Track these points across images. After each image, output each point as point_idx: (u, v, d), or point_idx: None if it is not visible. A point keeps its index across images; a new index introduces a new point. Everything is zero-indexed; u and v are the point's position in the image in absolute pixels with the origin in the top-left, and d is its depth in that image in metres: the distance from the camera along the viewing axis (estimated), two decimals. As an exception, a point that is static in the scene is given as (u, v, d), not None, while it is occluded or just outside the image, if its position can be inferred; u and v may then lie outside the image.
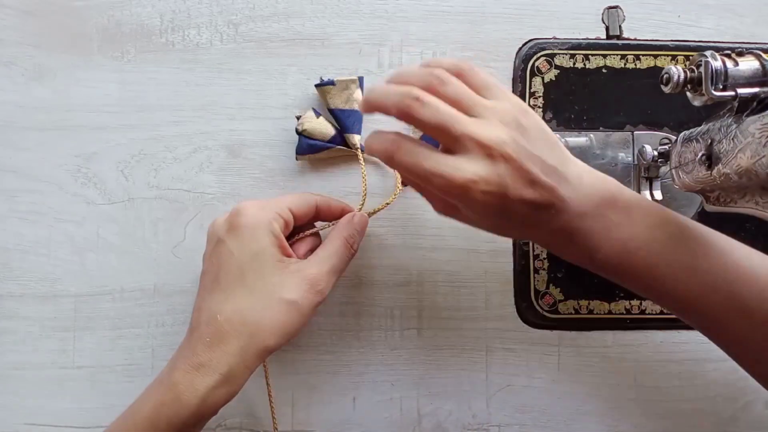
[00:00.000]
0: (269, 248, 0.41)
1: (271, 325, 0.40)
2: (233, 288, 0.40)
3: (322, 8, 0.50)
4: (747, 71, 0.36)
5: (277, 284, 0.40)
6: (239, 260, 0.40)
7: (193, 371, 0.39)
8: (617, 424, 0.49)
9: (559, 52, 0.49)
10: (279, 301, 0.40)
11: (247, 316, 0.40)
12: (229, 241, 0.41)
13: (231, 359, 0.39)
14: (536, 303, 0.49)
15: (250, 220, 0.41)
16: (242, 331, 0.39)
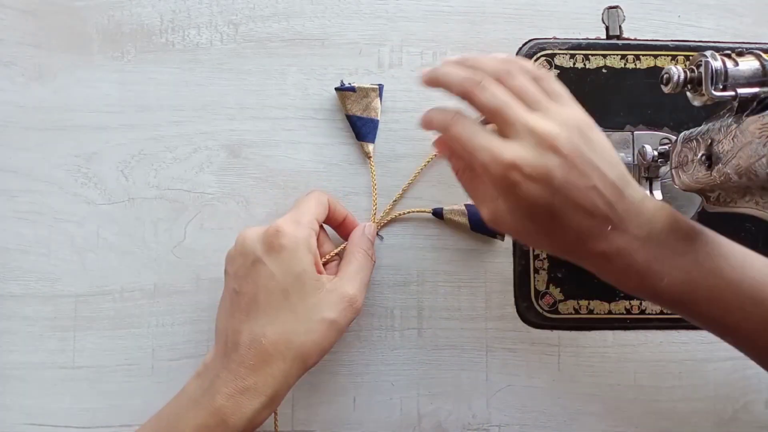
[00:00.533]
0: (309, 269, 0.41)
1: (314, 346, 0.40)
2: (276, 311, 0.40)
3: (322, 8, 0.50)
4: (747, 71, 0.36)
5: (318, 304, 0.41)
6: (282, 283, 0.40)
7: (239, 395, 0.39)
8: (617, 424, 0.49)
9: (559, 52, 0.49)
10: (321, 321, 0.40)
11: (292, 339, 0.40)
12: (270, 262, 0.40)
13: (276, 382, 0.39)
14: (536, 303, 0.49)
15: (290, 241, 0.41)
16: (287, 355, 0.40)
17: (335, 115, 0.49)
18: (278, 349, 0.39)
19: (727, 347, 0.39)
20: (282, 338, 0.40)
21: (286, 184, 0.49)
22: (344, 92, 0.48)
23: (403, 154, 0.49)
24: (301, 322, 0.40)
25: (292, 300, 0.40)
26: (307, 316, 0.40)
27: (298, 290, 0.40)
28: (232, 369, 0.39)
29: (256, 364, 0.39)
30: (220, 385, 0.39)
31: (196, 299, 0.48)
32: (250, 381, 0.39)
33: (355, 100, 0.48)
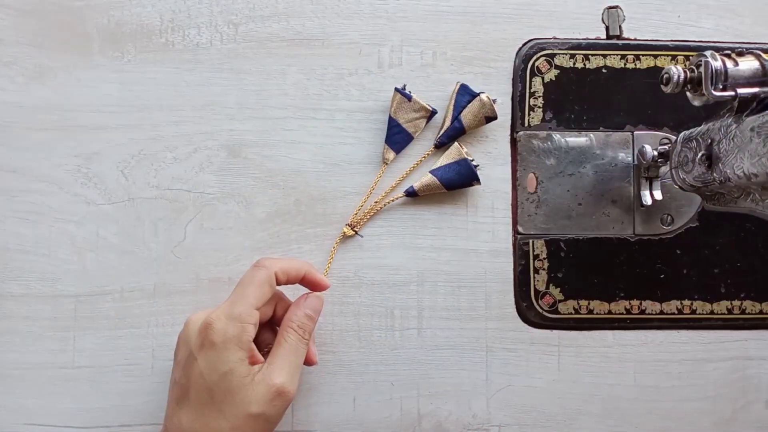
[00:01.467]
0: (237, 367, 0.40)
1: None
2: (203, 408, 0.40)
3: (322, 8, 0.50)
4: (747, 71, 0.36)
5: (245, 400, 0.40)
6: (209, 381, 0.40)
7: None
8: (617, 424, 0.49)
9: (559, 52, 0.49)
10: (247, 417, 0.39)
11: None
12: (200, 360, 0.40)
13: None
14: (536, 303, 0.49)
15: (219, 338, 0.40)
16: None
17: (335, 115, 0.49)
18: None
19: (727, 347, 0.39)
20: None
21: (286, 184, 0.49)
22: (399, 95, 0.48)
23: (403, 154, 0.49)
24: (227, 419, 0.39)
25: (217, 398, 0.40)
26: (233, 413, 0.39)
27: (224, 389, 0.40)
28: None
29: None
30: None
31: (196, 299, 0.48)
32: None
33: (406, 108, 0.48)
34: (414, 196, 0.49)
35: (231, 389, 0.40)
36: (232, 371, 0.40)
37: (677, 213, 0.49)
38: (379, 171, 0.49)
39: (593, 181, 0.49)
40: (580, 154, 0.49)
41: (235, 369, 0.40)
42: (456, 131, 0.48)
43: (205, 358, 0.40)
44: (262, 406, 0.40)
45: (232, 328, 0.40)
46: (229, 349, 0.40)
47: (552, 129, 0.49)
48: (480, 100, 0.48)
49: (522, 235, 0.49)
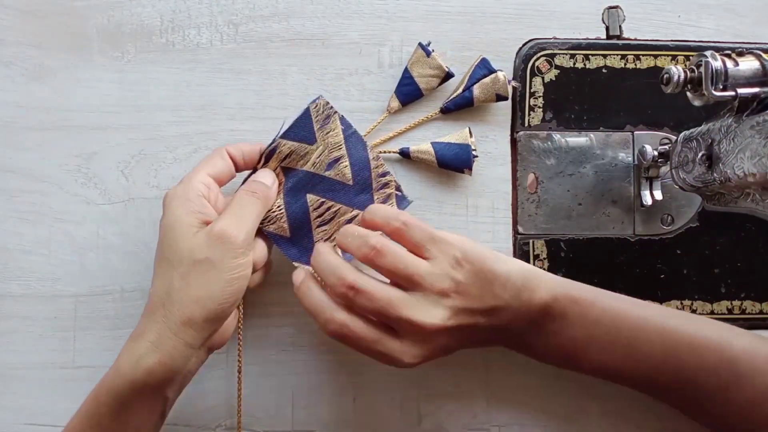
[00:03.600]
0: (182, 217, 0.41)
1: (189, 291, 0.39)
2: (158, 264, 0.41)
3: (322, 8, 0.50)
4: (747, 71, 0.36)
5: (189, 249, 0.40)
6: (162, 237, 0.41)
7: (131, 342, 0.40)
8: (617, 424, 0.49)
9: (559, 52, 0.49)
10: (193, 264, 0.39)
11: (165, 286, 0.40)
12: (161, 221, 0.42)
13: (157, 326, 0.39)
14: (536, 303, 0.49)
15: (168, 198, 0.42)
16: (164, 300, 0.39)
17: (335, 115, 0.49)
18: (158, 298, 0.40)
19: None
20: (161, 288, 0.40)
21: (286, 184, 0.49)
22: (420, 50, 0.48)
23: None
24: (175, 270, 0.40)
25: (166, 251, 0.40)
26: (179, 262, 0.40)
27: (171, 240, 0.40)
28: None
29: (145, 312, 0.40)
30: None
31: (196, 299, 0.48)
32: (140, 328, 0.40)
33: (423, 63, 0.48)
34: (407, 157, 0.49)
35: (176, 240, 0.40)
36: (176, 221, 0.41)
37: (677, 213, 0.49)
38: (379, 118, 0.49)
39: (593, 181, 0.49)
40: (580, 154, 0.49)
41: (180, 219, 0.41)
42: (465, 100, 0.48)
43: (162, 218, 0.42)
44: (205, 250, 0.39)
45: (180, 188, 0.42)
46: (175, 204, 0.41)
47: (552, 129, 0.49)
48: (496, 76, 0.48)
49: (522, 235, 0.49)
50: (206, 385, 0.48)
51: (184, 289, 0.39)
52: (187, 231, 0.40)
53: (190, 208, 0.41)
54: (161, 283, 0.40)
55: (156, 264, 0.41)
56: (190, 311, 0.39)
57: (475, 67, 0.48)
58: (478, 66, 0.48)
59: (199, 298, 0.39)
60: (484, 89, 0.48)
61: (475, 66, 0.48)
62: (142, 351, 0.39)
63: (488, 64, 0.48)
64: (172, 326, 0.39)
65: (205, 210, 0.41)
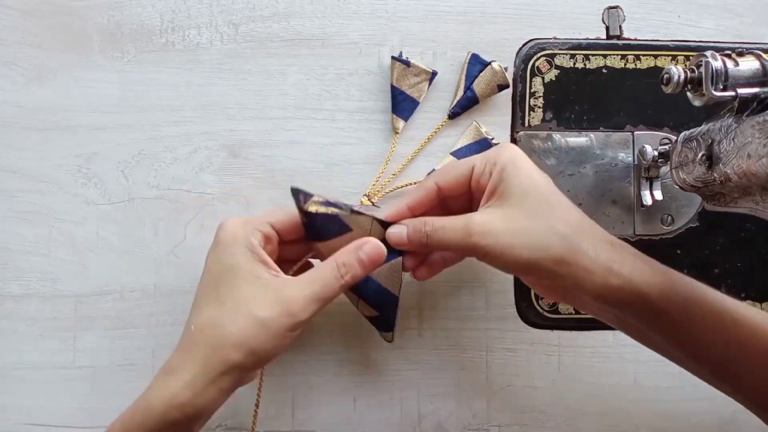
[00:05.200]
0: (245, 263, 0.39)
1: (235, 339, 0.38)
2: (207, 300, 0.40)
3: (322, 8, 0.50)
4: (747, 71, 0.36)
5: (250, 299, 0.39)
6: (214, 274, 0.40)
7: (164, 376, 0.39)
8: (617, 424, 0.49)
9: (559, 52, 0.49)
10: (247, 315, 0.38)
11: (215, 327, 0.39)
12: (210, 255, 0.41)
13: (195, 367, 0.38)
14: (536, 303, 0.49)
15: (227, 236, 0.40)
16: (208, 342, 0.38)
17: (335, 115, 0.49)
18: (202, 336, 0.39)
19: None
20: (206, 326, 0.39)
21: (286, 184, 0.49)
22: (398, 63, 0.48)
23: (403, 154, 0.49)
24: (227, 313, 0.39)
25: (221, 291, 0.39)
26: (234, 308, 0.39)
27: (229, 283, 0.39)
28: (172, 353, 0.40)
29: (183, 348, 0.39)
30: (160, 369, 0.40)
31: (196, 299, 0.48)
32: (175, 363, 0.39)
33: (406, 74, 0.48)
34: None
35: (236, 284, 0.39)
36: (238, 266, 0.39)
37: (677, 213, 0.49)
38: (392, 141, 0.49)
39: (593, 181, 0.49)
40: (580, 154, 0.49)
41: (242, 265, 0.39)
42: (469, 101, 0.49)
43: (213, 252, 0.41)
44: (266, 311, 0.38)
45: (240, 230, 0.40)
46: (235, 246, 0.40)
47: (552, 129, 0.49)
48: (491, 68, 0.48)
49: (522, 235, 0.49)
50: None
51: (232, 338, 0.38)
52: (251, 280, 0.39)
53: (253, 257, 0.40)
54: (207, 321, 0.39)
55: (202, 297, 0.40)
56: (233, 360, 0.38)
57: (467, 64, 0.48)
58: (470, 63, 0.48)
59: (246, 349, 0.38)
60: (484, 84, 0.48)
61: (468, 63, 0.48)
62: (176, 390, 0.38)
63: (479, 58, 0.48)
64: (210, 371, 0.38)
65: (266, 260, 0.40)
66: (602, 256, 0.38)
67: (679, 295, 0.39)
